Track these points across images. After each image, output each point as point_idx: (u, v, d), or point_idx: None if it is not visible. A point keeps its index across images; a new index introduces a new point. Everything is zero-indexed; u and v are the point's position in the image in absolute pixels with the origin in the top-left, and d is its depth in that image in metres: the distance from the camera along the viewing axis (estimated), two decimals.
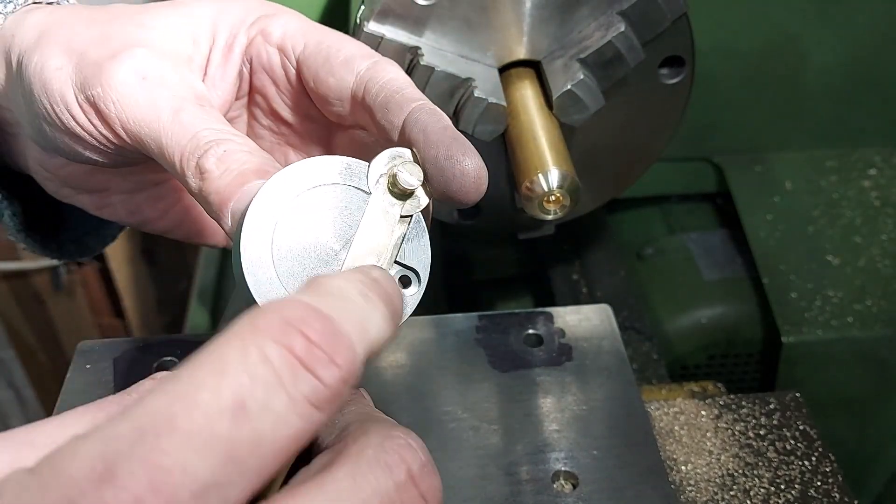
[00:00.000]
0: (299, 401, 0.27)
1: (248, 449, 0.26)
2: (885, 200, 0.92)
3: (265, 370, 0.26)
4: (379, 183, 0.40)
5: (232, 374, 0.26)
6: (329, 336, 0.28)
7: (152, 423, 0.25)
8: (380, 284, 0.33)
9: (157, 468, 0.24)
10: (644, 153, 0.73)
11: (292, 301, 0.28)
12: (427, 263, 0.42)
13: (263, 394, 0.26)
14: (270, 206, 0.38)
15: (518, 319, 0.62)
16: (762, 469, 0.59)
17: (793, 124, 0.94)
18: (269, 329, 0.27)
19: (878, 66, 0.90)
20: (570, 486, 0.52)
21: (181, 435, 0.25)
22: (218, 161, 0.40)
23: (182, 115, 0.42)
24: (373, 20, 0.60)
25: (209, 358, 0.27)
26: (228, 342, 0.27)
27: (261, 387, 0.26)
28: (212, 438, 0.25)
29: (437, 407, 0.56)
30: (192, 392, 0.25)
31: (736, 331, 0.89)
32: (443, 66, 0.61)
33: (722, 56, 0.86)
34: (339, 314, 0.29)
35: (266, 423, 0.26)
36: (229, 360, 0.26)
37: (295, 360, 0.27)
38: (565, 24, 0.63)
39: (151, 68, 0.43)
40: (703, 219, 1.01)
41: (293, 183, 0.39)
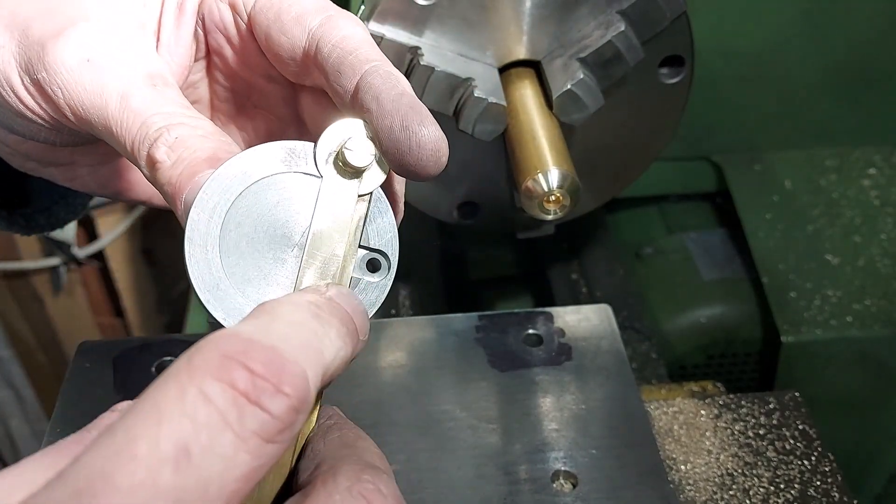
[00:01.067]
0: (247, 437, 0.25)
1: (195, 496, 0.24)
2: (884, 200, 0.92)
3: (206, 411, 0.25)
4: (329, 164, 0.37)
5: (170, 421, 0.24)
6: (273, 366, 0.26)
7: (88, 484, 0.23)
8: (334, 303, 0.32)
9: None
10: (643, 152, 0.73)
11: (230, 335, 0.27)
12: (395, 244, 0.39)
13: (207, 436, 0.24)
14: (213, 207, 0.36)
15: (518, 319, 0.62)
16: (761, 468, 0.59)
17: (792, 124, 0.94)
18: (206, 366, 0.26)
19: (877, 66, 0.90)
20: (569, 486, 0.52)
21: (121, 493, 0.23)
22: (169, 150, 0.37)
23: (131, 99, 0.39)
24: (373, 20, 0.60)
25: (145, 406, 0.25)
26: (164, 386, 0.25)
27: (203, 429, 0.25)
28: (155, 492, 0.23)
29: (436, 406, 0.56)
30: (129, 445, 0.24)
31: (735, 330, 0.89)
32: (443, 66, 0.61)
33: (722, 56, 0.86)
34: (284, 341, 0.28)
35: (213, 466, 0.24)
36: (166, 406, 0.25)
37: (238, 394, 0.25)
38: (565, 24, 0.63)
39: (97, 47, 0.40)
40: (702, 218, 1.01)
41: (235, 179, 0.36)
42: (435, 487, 0.51)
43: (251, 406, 0.25)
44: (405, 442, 0.54)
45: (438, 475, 0.52)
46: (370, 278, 0.39)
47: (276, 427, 0.26)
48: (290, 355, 0.27)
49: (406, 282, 0.89)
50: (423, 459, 0.53)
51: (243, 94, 0.49)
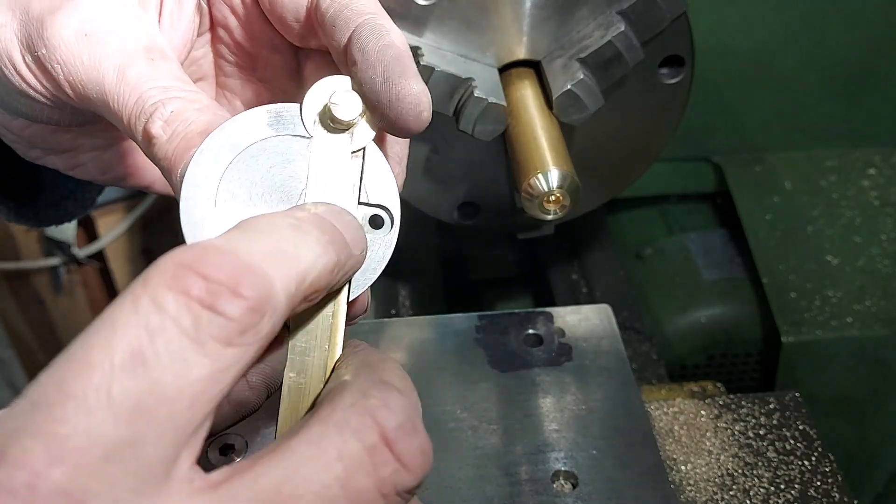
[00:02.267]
0: (204, 341, 0.25)
1: (153, 400, 0.24)
2: (884, 200, 0.92)
3: (159, 318, 0.25)
4: (317, 123, 0.36)
5: (123, 330, 0.25)
6: (229, 269, 0.26)
7: (43, 394, 0.24)
8: (318, 216, 0.31)
9: (53, 436, 0.23)
10: (644, 153, 0.73)
11: (188, 247, 0.27)
12: (396, 197, 0.38)
13: (162, 342, 0.25)
14: (204, 180, 0.35)
15: (518, 319, 0.62)
16: (762, 469, 0.59)
17: (792, 124, 0.94)
18: (160, 277, 0.26)
19: (877, 67, 0.90)
20: (569, 486, 0.52)
21: (75, 399, 0.24)
22: (165, 125, 0.37)
23: (127, 72, 0.38)
24: None
25: (101, 320, 0.25)
26: (120, 301, 0.26)
27: (158, 335, 0.25)
28: (111, 396, 0.24)
29: (436, 407, 0.56)
30: (84, 354, 0.24)
31: (735, 331, 0.89)
32: (443, 66, 0.61)
33: (722, 56, 0.86)
34: (247, 247, 0.27)
35: (168, 370, 0.25)
36: (120, 317, 0.25)
37: (192, 300, 0.25)
38: (565, 24, 0.63)
39: (95, 21, 0.40)
40: (702, 219, 1.01)
41: (223, 149, 0.35)
42: (436, 488, 0.51)
43: (205, 311, 0.26)
44: None
45: (440, 475, 0.52)
46: (374, 235, 0.38)
47: (234, 329, 0.26)
48: (249, 259, 0.27)
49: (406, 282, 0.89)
50: None
51: (248, 67, 0.49)
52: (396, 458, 0.28)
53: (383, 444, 0.28)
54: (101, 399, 0.24)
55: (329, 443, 0.28)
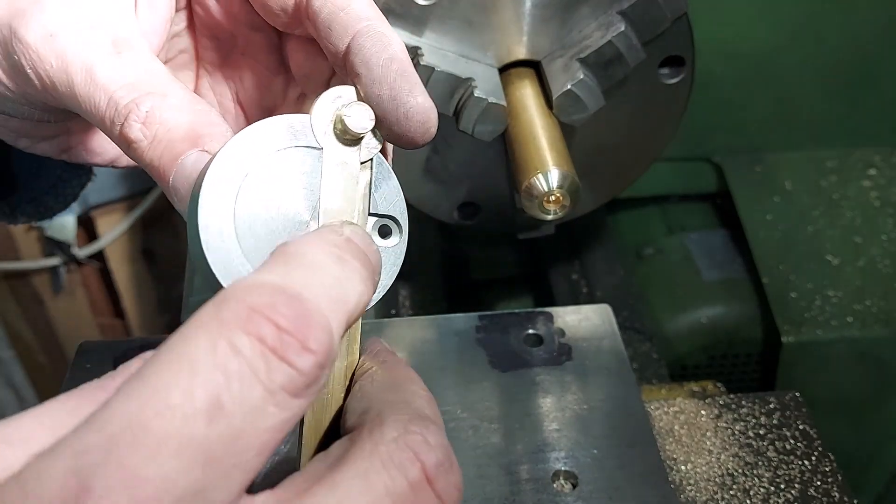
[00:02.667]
0: (276, 391, 0.26)
1: (226, 448, 0.25)
2: (884, 200, 0.92)
3: (238, 364, 0.25)
4: (327, 134, 0.36)
5: (203, 372, 0.25)
6: (300, 320, 0.26)
7: (124, 431, 0.24)
8: (353, 243, 0.31)
9: (135, 479, 0.23)
10: (644, 153, 0.73)
11: (257, 284, 0.27)
12: (403, 207, 0.38)
13: (239, 389, 0.25)
14: (223, 189, 0.35)
15: (518, 319, 0.62)
16: (762, 468, 0.59)
17: (793, 125, 0.94)
18: (235, 319, 0.26)
19: (877, 67, 0.90)
20: (569, 486, 0.52)
21: (156, 441, 0.24)
22: (142, 127, 0.36)
23: (95, 73, 0.37)
24: None
25: (175, 356, 0.25)
26: (195, 337, 0.26)
27: (235, 382, 0.25)
28: (189, 442, 0.24)
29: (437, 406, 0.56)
30: (163, 394, 0.24)
31: (736, 331, 0.89)
32: (443, 66, 0.61)
33: (722, 56, 0.86)
34: (310, 290, 0.28)
35: (244, 418, 0.25)
36: (198, 357, 0.25)
37: (266, 349, 0.26)
38: (565, 24, 0.63)
39: (60, 20, 0.39)
40: (702, 219, 1.01)
41: (240, 159, 0.35)
42: None
43: (279, 362, 0.26)
44: None
45: None
46: (384, 244, 0.38)
47: (302, 382, 0.26)
48: (314, 306, 0.27)
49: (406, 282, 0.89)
50: None
51: (228, 43, 0.48)
52: (437, 495, 0.29)
53: (425, 481, 0.29)
54: (180, 444, 0.24)
55: (377, 478, 0.28)
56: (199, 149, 0.36)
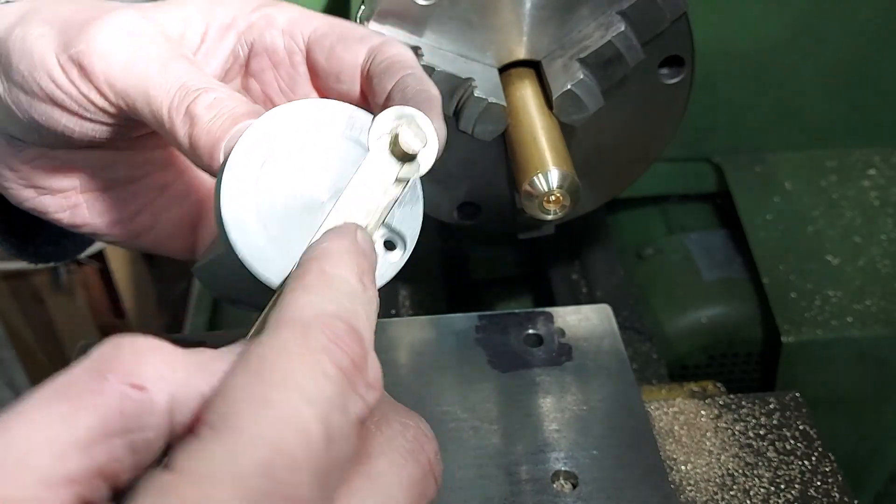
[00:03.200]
0: (355, 423, 0.28)
1: (336, 473, 0.27)
2: (884, 200, 0.92)
3: (335, 393, 0.27)
4: (380, 140, 0.38)
5: (315, 399, 0.27)
6: (364, 356, 0.29)
7: (275, 457, 0.25)
8: (367, 259, 0.34)
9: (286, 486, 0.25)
10: (644, 153, 0.73)
11: (325, 314, 0.29)
12: (416, 231, 0.40)
13: (338, 419, 0.27)
14: (261, 144, 0.36)
15: (518, 319, 0.62)
16: (762, 469, 0.59)
17: (793, 124, 0.94)
18: (323, 347, 0.28)
19: (877, 67, 0.90)
20: (569, 486, 0.52)
21: (302, 469, 0.25)
22: (208, 107, 0.39)
23: (170, 66, 0.41)
24: (373, 20, 0.60)
25: (280, 377, 0.27)
26: (292, 357, 0.27)
27: (336, 411, 0.27)
28: (315, 467, 0.26)
29: (436, 407, 0.56)
30: (295, 420, 0.26)
31: (736, 331, 0.89)
32: (443, 66, 0.61)
33: (722, 56, 0.86)
34: (360, 322, 0.30)
35: (344, 447, 0.27)
36: (305, 382, 0.27)
37: (348, 381, 0.28)
38: (565, 24, 0.63)
39: (139, 26, 0.43)
40: (702, 219, 1.01)
41: (289, 123, 0.37)
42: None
43: (355, 395, 0.28)
44: None
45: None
46: (384, 255, 0.40)
47: (366, 415, 0.29)
48: (368, 341, 0.30)
49: (406, 282, 0.89)
50: None
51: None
52: (435, 479, 0.33)
53: (430, 469, 0.33)
54: (311, 469, 0.26)
55: (403, 469, 0.31)
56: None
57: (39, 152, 0.48)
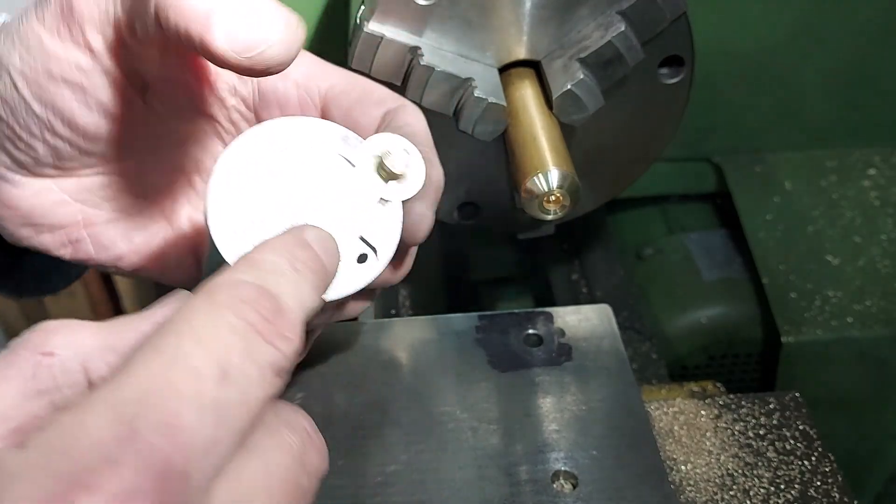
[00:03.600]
0: (264, 367, 0.29)
1: (234, 409, 0.28)
2: (884, 200, 0.92)
3: (236, 340, 0.29)
4: (368, 158, 0.41)
5: (211, 344, 0.28)
6: (278, 313, 0.30)
7: (155, 388, 0.27)
8: (311, 249, 0.35)
9: (171, 427, 0.26)
10: (644, 153, 0.73)
11: (239, 281, 0.31)
12: (391, 248, 0.42)
13: (239, 362, 0.28)
14: (252, 153, 0.38)
15: (518, 319, 0.62)
16: (762, 469, 0.59)
17: (793, 124, 0.94)
18: (229, 305, 0.30)
19: (877, 67, 0.90)
20: (569, 487, 0.52)
21: (183, 398, 0.27)
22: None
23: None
24: (373, 20, 0.60)
25: (184, 327, 0.29)
26: (196, 313, 0.29)
27: (236, 355, 0.28)
28: (206, 401, 0.27)
29: (436, 407, 0.56)
30: (183, 359, 0.28)
31: (736, 331, 0.89)
32: (443, 66, 0.61)
33: (722, 56, 0.86)
34: (280, 290, 0.32)
35: (241, 388, 0.28)
36: (205, 332, 0.29)
37: (255, 332, 0.29)
38: (565, 24, 0.63)
39: None
40: (702, 219, 1.01)
41: (283, 135, 0.39)
42: (436, 488, 0.51)
43: (265, 343, 0.30)
44: (406, 443, 0.54)
45: (439, 476, 0.52)
46: (355, 265, 0.41)
47: (282, 364, 0.30)
48: (286, 304, 0.31)
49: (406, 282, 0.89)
50: (424, 460, 0.53)
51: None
52: (317, 451, 0.34)
53: (308, 437, 0.33)
54: (203, 403, 0.27)
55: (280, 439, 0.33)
56: None
57: (39, 187, 0.46)
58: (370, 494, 0.51)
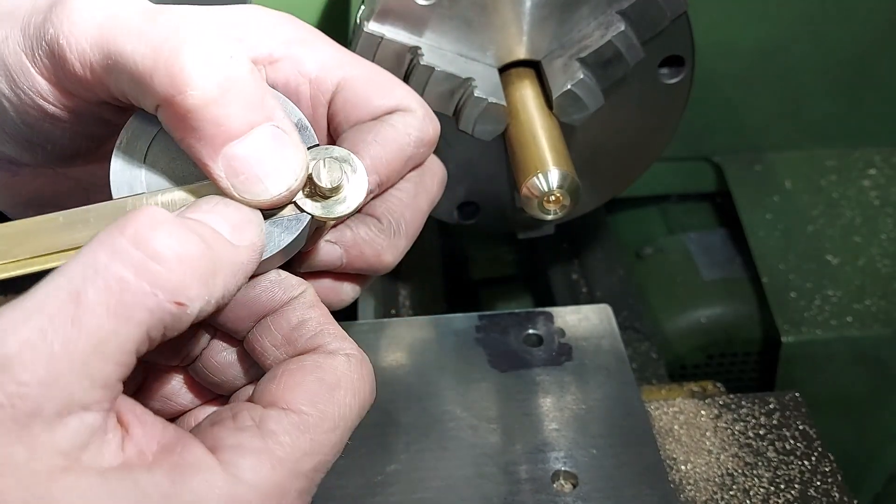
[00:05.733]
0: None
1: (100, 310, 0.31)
2: (884, 200, 0.92)
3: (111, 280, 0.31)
4: (311, 159, 0.39)
5: (95, 278, 0.31)
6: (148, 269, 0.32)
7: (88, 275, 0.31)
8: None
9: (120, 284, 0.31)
10: (644, 152, 0.73)
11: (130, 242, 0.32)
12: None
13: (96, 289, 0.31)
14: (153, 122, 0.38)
15: (518, 319, 0.62)
16: (762, 469, 0.59)
17: (793, 124, 0.94)
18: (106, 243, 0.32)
19: (877, 66, 0.90)
20: (569, 486, 0.52)
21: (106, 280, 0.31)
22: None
23: (158, 16, 0.36)
24: (373, 20, 0.60)
25: (68, 270, 0.32)
26: (92, 253, 0.32)
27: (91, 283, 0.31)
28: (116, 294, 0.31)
29: (436, 406, 0.56)
30: (70, 292, 0.31)
31: (735, 330, 0.89)
32: (443, 66, 0.61)
33: (722, 56, 0.86)
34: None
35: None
36: (90, 266, 0.31)
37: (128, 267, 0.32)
38: (565, 24, 0.63)
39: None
40: (702, 218, 1.01)
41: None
42: (436, 487, 0.51)
43: (137, 279, 0.31)
44: (406, 441, 0.54)
45: (439, 474, 0.52)
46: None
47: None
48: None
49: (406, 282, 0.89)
50: (424, 459, 0.53)
51: None
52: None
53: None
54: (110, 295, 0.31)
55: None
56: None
57: (37, 173, 0.46)
58: (370, 493, 0.51)
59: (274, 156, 0.37)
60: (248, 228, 0.36)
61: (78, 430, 0.30)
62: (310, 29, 0.47)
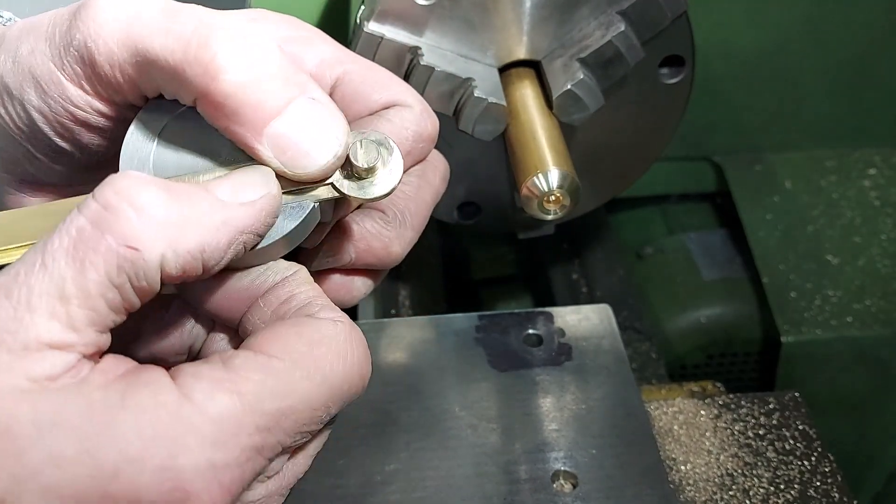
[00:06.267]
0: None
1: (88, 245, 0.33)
2: (884, 200, 0.92)
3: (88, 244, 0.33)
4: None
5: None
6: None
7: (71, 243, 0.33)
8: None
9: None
10: (644, 153, 0.73)
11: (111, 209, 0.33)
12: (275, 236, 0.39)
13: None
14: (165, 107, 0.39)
15: (518, 319, 0.62)
16: (761, 469, 0.59)
17: (793, 124, 0.94)
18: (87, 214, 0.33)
19: (877, 66, 0.90)
20: (569, 486, 0.52)
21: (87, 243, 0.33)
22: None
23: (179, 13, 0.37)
24: (373, 20, 0.60)
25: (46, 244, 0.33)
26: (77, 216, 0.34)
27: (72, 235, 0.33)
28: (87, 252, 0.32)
29: (436, 406, 0.56)
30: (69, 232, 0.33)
31: (735, 330, 0.89)
32: (443, 66, 0.61)
33: (722, 56, 0.86)
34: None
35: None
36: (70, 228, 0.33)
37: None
38: (565, 24, 0.63)
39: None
40: (702, 218, 1.01)
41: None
42: (435, 486, 0.51)
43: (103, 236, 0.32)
44: (406, 441, 0.54)
45: (439, 474, 0.52)
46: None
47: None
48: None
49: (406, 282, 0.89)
50: (424, 458, 0.53)
51: None
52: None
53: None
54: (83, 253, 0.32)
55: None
56: None
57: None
58: (370, 493, 0.51)
59: (315, 127, 0.37)
60: (247, 189, 0.36)
61: (51, 363, 0.32)
62: (310, 28, 0.47)
